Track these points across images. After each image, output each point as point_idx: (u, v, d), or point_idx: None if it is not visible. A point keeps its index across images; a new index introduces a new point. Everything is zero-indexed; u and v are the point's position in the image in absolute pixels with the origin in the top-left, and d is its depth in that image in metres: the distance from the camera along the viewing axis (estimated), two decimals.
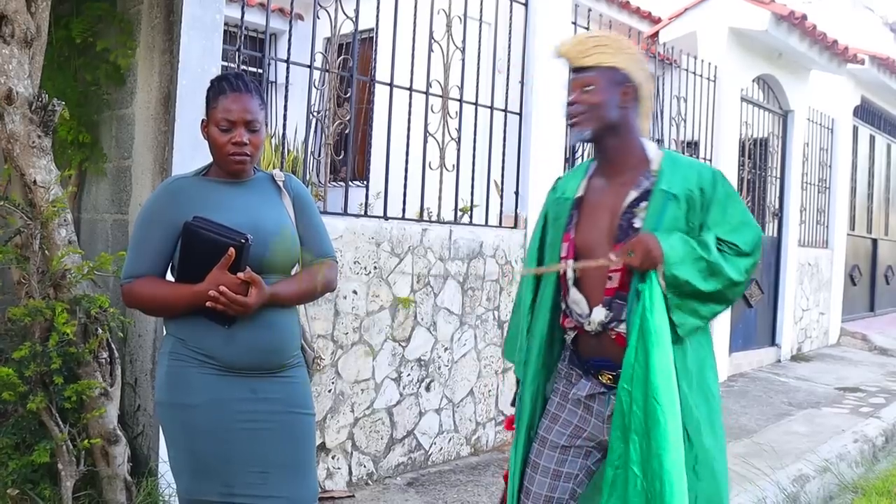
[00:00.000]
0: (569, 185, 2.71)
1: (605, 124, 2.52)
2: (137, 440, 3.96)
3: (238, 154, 2.47)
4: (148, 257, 2.47)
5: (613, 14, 9.47)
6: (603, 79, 2.51)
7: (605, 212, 2.56)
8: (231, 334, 2.40)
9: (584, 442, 2.60)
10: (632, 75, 2.54)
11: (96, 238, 4.33)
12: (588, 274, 2.56)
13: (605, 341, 2.53)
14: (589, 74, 2.52)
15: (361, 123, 6.35)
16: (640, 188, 2.52)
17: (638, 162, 2.57)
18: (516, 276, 5.64)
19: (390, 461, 4.89)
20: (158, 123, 3.90)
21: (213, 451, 2.43)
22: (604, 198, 2.59)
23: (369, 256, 4.68)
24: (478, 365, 5.46)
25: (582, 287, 2.57)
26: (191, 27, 3.81)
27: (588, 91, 2.52)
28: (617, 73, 2.52)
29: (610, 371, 2.53)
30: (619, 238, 2.49)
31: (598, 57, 2.51)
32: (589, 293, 2.55)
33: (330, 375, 4.49)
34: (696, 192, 2.50)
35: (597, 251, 2.52)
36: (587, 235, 2.58)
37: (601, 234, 2.55)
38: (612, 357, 2.51)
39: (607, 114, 2.51)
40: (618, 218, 2.52)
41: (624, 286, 2.48)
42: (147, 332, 3.94)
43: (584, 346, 2.61)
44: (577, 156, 7.32)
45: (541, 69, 5.89)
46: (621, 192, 2.54)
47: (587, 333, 2.57)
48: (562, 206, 2.68)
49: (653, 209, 2.48)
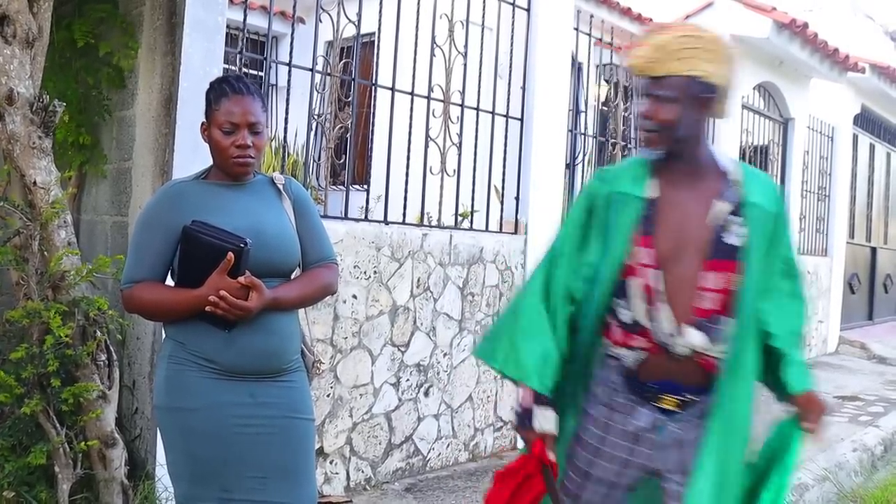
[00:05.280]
0: (625, 180, 2.41)
1: (678, 141, 2.32)
2: (135, 443, 3.94)
3: (241, 156, 2.46)
4: (147, 262, 2.46)
5: (615, 20, 9.45)
6: (679, 91, 2.26)
7: (690, 220, 2.33)
8: (231, 338, 2.38)
9: (633, 472, 2.41)
10: (713, 82, 2.28)
11: (96, 240, 4.31)
12: (673, 286, 2.31)
13: (686, 364, 2.32)
14: (663, 85, 2.27)
15: (362, 127, 6.34)
16: (727, 200, 2.32)
17: (713, 169, 2.38)
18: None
19: (388, 466, 4.87)
20: (159, 125, 3.89)
21: (211, 455, 2.42)
22: (685, 204, 2.35)
23: (369, 261, 4.67)
24: (477, 371, 5.45)
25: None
26: (193, 29, 3.80)
27: (662, 105, 2.28)
28: (696, 83, 2.26)
29: (674, 395, 2.34)
30: (712, 253, 2.29)
31: (673, 65, 2.25)
32: (675, 311, 2.31)
33: (329, 380, 4.48)
34: (773, 207, 2.36)
35: (683, 262, 2.30)
36: (670, 243, 2.32)
37: (688, 244, 2.31)
38: (683, 380, 2.33)
39: (681, 132, 2.30)
40: (708, 230, 2.30)
41: (724, 309, 2.29)
42: (146, 334, 3.92)
43: (649, 369, 2.36)
44: (577, 162, 7.32)
45: (542, 75, 5.89)
46: (705, 201, 2.33)
47: (660, 355, 2.33)
48: (623, 202, 2.38)
49: (753, 228, 2.30)
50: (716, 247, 2.29)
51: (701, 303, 2.29)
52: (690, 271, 2.29)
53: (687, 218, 2.33)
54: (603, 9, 9.41)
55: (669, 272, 2.30)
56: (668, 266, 2.30)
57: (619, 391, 2.40)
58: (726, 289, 2.29)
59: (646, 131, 2.33)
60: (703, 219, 2.32)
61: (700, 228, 2.31)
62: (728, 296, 2.29)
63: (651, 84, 2.31)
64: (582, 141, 7.14)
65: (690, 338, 2.28)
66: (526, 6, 5.86)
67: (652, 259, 2.31)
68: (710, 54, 2.26)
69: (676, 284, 2.29)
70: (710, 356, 2.30)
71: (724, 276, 2.29)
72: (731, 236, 2.30)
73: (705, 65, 2.25)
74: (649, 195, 2.36)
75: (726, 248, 2.29)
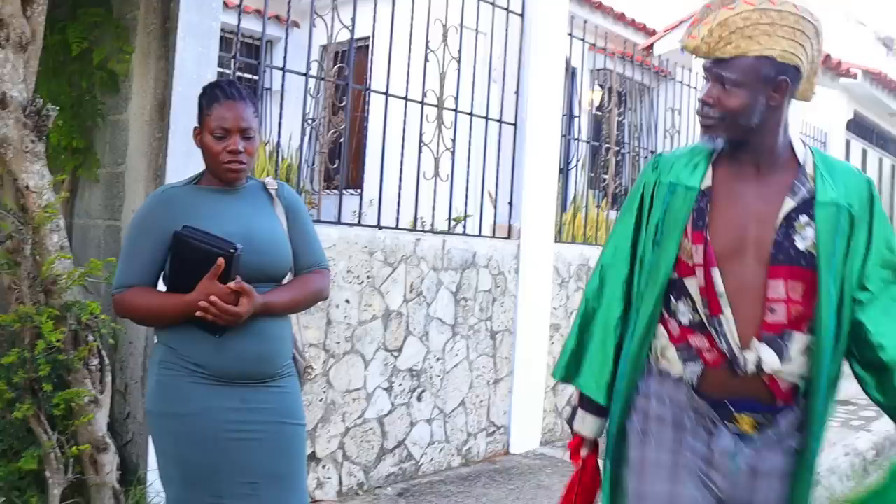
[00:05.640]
0: (682, 168, 2.14)
1: (745, 131, 2.02)
2: (127, 448, 3.93)
3: (233, 162, 2.46)
4: (139, 267, 2.46)
5: (609, 26, 9.52)
6: (748, 74, 1.96)
7: (751, 217, 2.03)
8: (221, 343, 2.38)
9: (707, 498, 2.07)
10: (790, 62, 1.96)
11: (88, 244, 4.31)
12: (737, 292, 2.01)
13: (750, 381, 2.00)
14: (729, 68, 1.97)
15: (356, 132, 6.35)
16: (796, 196, 2.01)
17: (786, 160, 2.07)
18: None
19: (381, 471, 4.87)
20: (153, 130, 3.89)
21: (202, 460, 2.42)
22: (747, 198, 2.05)
23: (362, 266, 4.67)
24: (470, 375, 5.45)
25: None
26: (187, 34, 3.81)
27: (728, 90, 1.99)
28: (768, 64, 1.95)
29: (753, 414, 2.03)
30: (776, 257, 1.99)
31: (742, 44, 1.94)
32: (737, 320, 2.00)
33: (321, 385, 4.48)
34: (856, 206, 2.03)
35: (740, 264, 2.01)
36: (725, 240, 2.02)
37: (746, 244, 2.02)
38: (757, 397, 2.02)
39: (749, 121, 2.00)
40: (772, 230, 1.99)
41: (795, 323, 1.99)
42: (138, 339, 3.92)
43: (711, 384, 2.05)
44: (570, 167, 7.34)
45: (536, 80, 5.91)
46: (771, 196, 2.03)
47: (721, 369, 2.03)
48: (678, 194, 2.11)
49: (824, 231, 1.98)
50: (782, 250, 1.99)
51: (769, 315, 1.99)
52: (754, 277, 2.00)
53: (747, 214, 2.03)
54: (597, 14, 9.47)
55: (727, 273, 2.01)
56: (726, 267, 2.01)
57: (682, 408, 2.08)
58: (798, 300, 1.99)
59: (707, 119, 2.05)
60: (769, 217, 2.01)
61: (763, 228, 2.01)
62: (801, 307, 1.99)
63: (714, 66, 2.01)
64: (576, 146, 7.16)
65: (760, 354, 1.98)
66: (520, 11, 5.88)
67: (706, 258, 2.02)
68: (786, 30, 1.93)
69: (738, 290, 2.00)
70: (781, 377, 2.00)
71: (795, 285, 1.99)
72: (801, 239, 1.99)
73: (780, 42, 1.94)
74: (704, 185, 2.09)
75: (795, 252, 1.99)
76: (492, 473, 5.24)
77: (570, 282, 6.35)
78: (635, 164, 7.98)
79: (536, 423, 6.01)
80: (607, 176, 7.37)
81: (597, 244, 6.85)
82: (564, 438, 6.28)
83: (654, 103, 8.11)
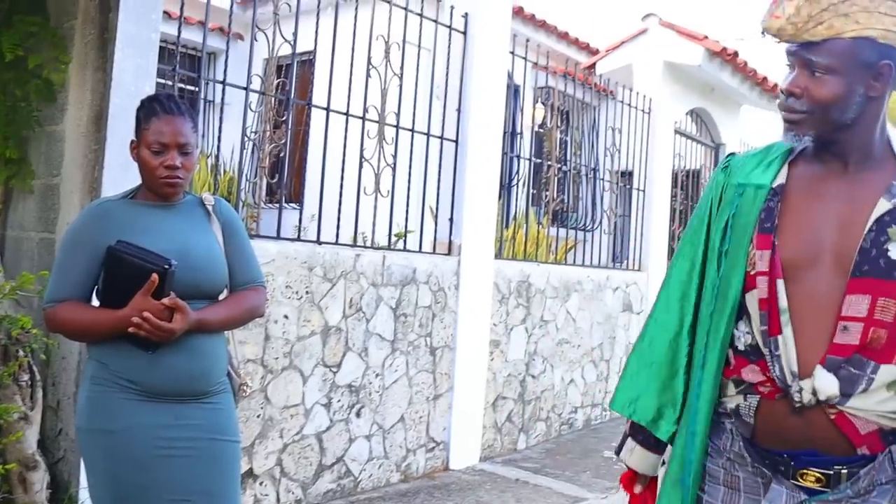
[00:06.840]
0: (755, 168, 1.86)
1: (837, 128, 1.70)
2: (58, 465, 3.85)
3: (170, 177, 2.44)
4: (71, 281, 2.43)
5: (552, 44, 9.64)
6: (843, 59, 1.64)
7: (831, 219, 1.71)
8: (154, 360, 2.36)
9: None
10: (895, 43, 1.64)
11: (21, 256, 4.23)
12: (804, 308, 1.69)
13: (814, 419, 1.66)
14: (819, 52, 1.66)
15: (298, 146, 6.33)
16: (894, 198, 1.67)
17: (882, 158, 1.75)
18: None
19: (319, 488, 4.84)
20: (89, 141, 3.84)
21: (133, 478, 2.38)
22: (828, 198, 1.74)
23: (301, 281, 4.65)
24: (409, 391, 5.45)
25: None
26: (125, 45, 3.77)
27: (817, 78, 1.67)
28: (868, 46, 1.63)
29: (818, 469, 1.67)
30: (860, 268, 1.65)
31: (836, 23, 1.63)
32: (799, 342, 1.68)
33: (259, 400, 4.44)
34: None
35: (813, 275, 1.69)
36: (797, 246, 1.72)
37: (822, 251, 1.70)
38: (820, 445, 1.67)
39: (843, 116, 1.69)
40: (858, 236, 1.66)
41: (881, 352, 1.64)
42: (71, 354, 3.85)
43: (769, 424, 1.73)
44: (512, 184, 7.39)
45: (478, 97, 5.95)
46: (861, 197, 1.70)
47: (777, 402, 1.71)
48: (748, 196, 1.82)
49: None
50: (869, 261, 1.65)
51: (839, 335, 1.65)
52: (829, 291, 1.67)
53: (827, 216, 1.72)
54: (541, 32, 9.59)
55: (796, 286, 1.70)
56: (794, 277, 1.70)
57: (739, 463, 1.78)
58: (889, 321, 1.64)
59: (792, 114, 1.73)
60: (855, 220, 1.69)
61: (846, 233, 1.68)
62: (885, 331, 1.64)
63: (801, 50, 1.69)
64: (518, 163, 7.22)
65: (818, 381, 1.64)
66: (462, 29, 5.92)
67: (772, 266, 1.72)
68: (890, 5, 1.62)
69: (806, 306, 1.68)
70: (854, 415, 1.64)
71: (887, 304, 1.64)
72: (894, 249, 1.65)
73: (883, 20, 1.62)
74: (776, 184, 1.79)
75: (887, 263, 1.64)
76: (431, 490, 5.24)
77: (511, 298, 6.39)
78: (576, 181, 8.07)
79: (476, 439, 6.02)
80: (548, 193, 7.44)
81: (537, 261, 6.91)
82: (504, 454, 6.31)
83: (596, 121, 8.22)
